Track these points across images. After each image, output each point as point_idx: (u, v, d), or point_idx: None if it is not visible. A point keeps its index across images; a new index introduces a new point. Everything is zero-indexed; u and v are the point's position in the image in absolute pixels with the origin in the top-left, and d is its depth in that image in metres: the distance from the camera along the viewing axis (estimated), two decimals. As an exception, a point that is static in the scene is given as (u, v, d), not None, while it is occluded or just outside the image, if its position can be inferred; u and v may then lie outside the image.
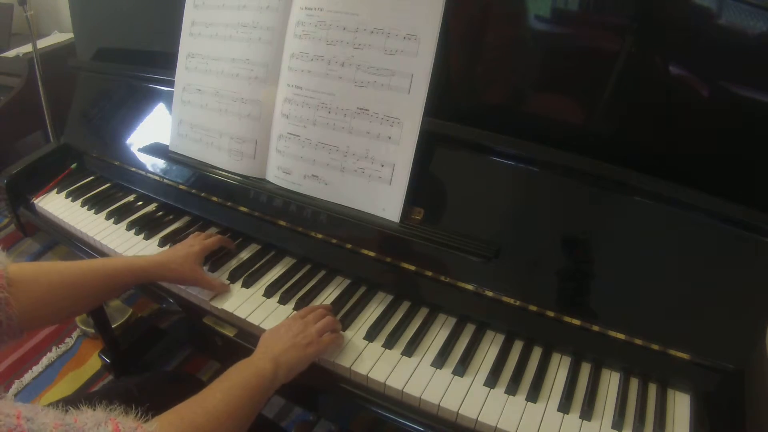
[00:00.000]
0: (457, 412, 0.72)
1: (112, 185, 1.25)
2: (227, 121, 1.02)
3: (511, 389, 0.75)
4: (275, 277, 0.95)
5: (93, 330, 1.74)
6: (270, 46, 0.97)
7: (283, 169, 0.97)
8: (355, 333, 0.84)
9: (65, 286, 0.74)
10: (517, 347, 0.83)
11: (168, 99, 1.14)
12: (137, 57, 1.24)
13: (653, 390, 0.77)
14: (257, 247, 1.04)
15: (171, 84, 1.11)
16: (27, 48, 2.09)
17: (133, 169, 1.19)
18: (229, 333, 0.87)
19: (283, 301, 0.90)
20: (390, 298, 0.91)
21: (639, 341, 0.76)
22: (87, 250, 1.09)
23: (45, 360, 1.72)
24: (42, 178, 1.25)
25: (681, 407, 0.75)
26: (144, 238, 1.07)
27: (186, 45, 1.08)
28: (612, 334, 0.77)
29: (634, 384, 0.78)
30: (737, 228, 0.73)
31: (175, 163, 1.10)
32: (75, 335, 1.81)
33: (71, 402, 0.53)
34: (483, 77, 0.90)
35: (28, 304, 0.68)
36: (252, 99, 0.99)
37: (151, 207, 1.17)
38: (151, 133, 1.17)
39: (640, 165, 0.76)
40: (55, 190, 1.25)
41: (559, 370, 0.80)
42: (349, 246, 0.93)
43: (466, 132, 0.85)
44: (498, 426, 0.70)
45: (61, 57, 1.57)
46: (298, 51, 0.93)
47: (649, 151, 0.80)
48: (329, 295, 0.92)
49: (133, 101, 1.22)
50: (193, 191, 1.09)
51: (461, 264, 0.84)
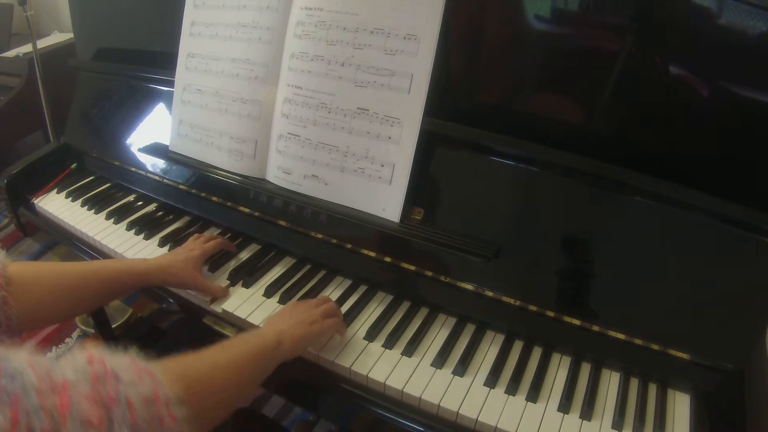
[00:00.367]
0: (457, 412, 0.72)
1: (112, 185, 1.25)
2: (227, 121, 1.02)
3: (511, 389, 0.75)
4: (275, 277, 0.95)
5: (93, 330, 1.74)
6: (270, 46, 0.97)
7: (283, 169, 0.97)
8: (355, 333, 0.84)
9: (65, 288, 0.74)
10: (517, 347, 0.83)
11: (168, 99, 1.14)
12: (137, 57, 1.24)
13: (653, 390, 0.77)
14: (257, 247, 1.04)
15: (171, 84, 1.11)
16: (27, 48, 2.09)
17: (133, 169, 1.19)
18: (229, 333, 0.87)
19: (283, 301, 0.90)
20: (390, 298, 0.91)
21: (639, 341, 0.76)
22: (87, 250, 1.09)
23: (45, 360, 1.72)
24: (42, 178, 1.25)
25: (681, 407, 0.75)
26: (144, 238, 1.07)
27: (186, 45, 1.08)
28: (612, 334, 0.77)
29: (634, 384, 0.78)
30: (737, 228, 0.73)
31: (175, 163, 1.10)
32: (75, 335, 1.81)
33: None
34: (483, 77, 0.90)
35: (27, 304, 0.67)
36: (252, 99, 0.99)
37: (151, 207, 1.17)
38: (151, 133, 1.17)
39: (640, 165, 0.76)
40: (55, 190, 1.25)
41: (559, 370, 0.80)
42: (349, 246, 0.93)
43: (466, 132, 0.85)
44: (498, 426, 0.70)
45: (61, 57, 1.57)
46: (298, 51, 0.93)
47: (649, 151, 0.80)
48: (329, 295, 0.92)
49: (133, 101, 1.22)
50: (193, 191, 1.09)
51: (461, 264, 0.84)
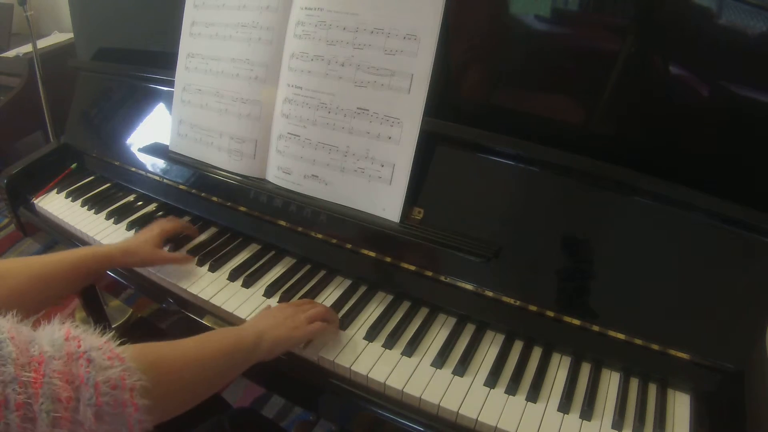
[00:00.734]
0: (457, 412, 0.72)
1: (112, 185, 1.25)
2: (227, 121, 1.02)
3: (511, 389, 0.75)
4: (275, 277, 0.95)
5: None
6: (270, 46, 0.97)
7: (283, 169, 0.97)
8: (355, 333, 0.84)
9: (34, 277, 0.75)
10: (517, 347, 0.83)
11: (168, 99, 1.14)
12: (137, 57, 1.24)
13: (653, 390, 0.77)
14: (257, 247, 1.04)
15: (171, 84, 1.11)
16: (27, 48, 2.09)
17: (133, 169, 1.19)
18: (229, 333, 0.87)
19: (283, 301, 0.90)
20: (390, 298, 0.91)
21: (639, 341, 0.76)
22: (87, 250, 1.09)
23: (45, 360, 1.71)
24: (42, 178, 1.25)
25: (681, 407, 0.75)
26: (144, 238, 1.07)
27: (186, 45, 1.08)
28: (612, 334, 0.77)
29: (634, 384, 0.78)
30: (737, 228, 0.73)
31: (175, 163, 1.10)
32: (75, 335, 1.81)
33: None
34: (483, 77, 0.90)
35: (1, 296, 0.69)
36: (252, 99, 0.99)
37: (151, 207, 1.17)
38: (151, 133, 1.17)
39: (640, 165, 0.76)
40: (55, 190, 1.25)
41: (559, 370, 0.79)
42: (349, 246, 0.93)
43: (466, 132, 0.85)
44: (498, 426, 0.70)
45: (61, 57, 1.57)
46: (298, 51, 0.93)
47: (650, 151, 0.80)
48: (329, 295, 0.92)
49: (133, 101, 1.22)
50: (193, 191, 1.09)
51: (461, 264, 0.84)
